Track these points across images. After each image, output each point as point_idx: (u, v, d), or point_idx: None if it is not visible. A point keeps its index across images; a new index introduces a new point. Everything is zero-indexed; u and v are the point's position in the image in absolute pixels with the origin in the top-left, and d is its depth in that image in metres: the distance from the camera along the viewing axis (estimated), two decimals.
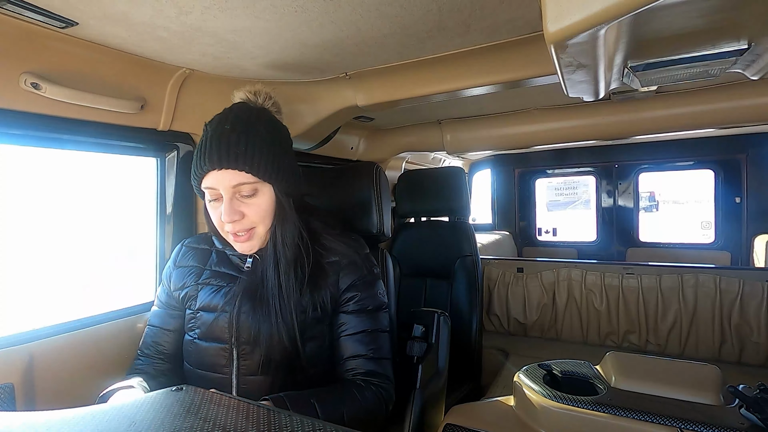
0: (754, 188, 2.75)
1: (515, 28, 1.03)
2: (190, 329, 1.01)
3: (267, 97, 0.99)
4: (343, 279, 0.97)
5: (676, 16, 0.62)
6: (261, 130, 0.90)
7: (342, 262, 0.98)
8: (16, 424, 0.42)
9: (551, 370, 1.14)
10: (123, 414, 0.44)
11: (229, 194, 0.87)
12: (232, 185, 0.86)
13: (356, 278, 0.98)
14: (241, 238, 0.91)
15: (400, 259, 2.19)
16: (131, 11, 0.83)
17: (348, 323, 0.97)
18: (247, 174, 0.86)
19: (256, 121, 0.91)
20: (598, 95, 0.94)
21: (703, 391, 0.95)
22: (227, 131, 0.87)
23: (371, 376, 0.95)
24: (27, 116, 0.93)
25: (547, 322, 2.45)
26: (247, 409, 0.47)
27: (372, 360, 0.96)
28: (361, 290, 0.98)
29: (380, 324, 1.01)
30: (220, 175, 0.86)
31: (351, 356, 0.96)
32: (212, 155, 0.85)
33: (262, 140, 0.89)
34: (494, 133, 2.17)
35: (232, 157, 0.85)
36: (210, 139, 0.87)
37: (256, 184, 0.88)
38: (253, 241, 0.93)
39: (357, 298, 0.98)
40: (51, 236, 3.93)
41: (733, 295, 2.04)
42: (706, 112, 1.73)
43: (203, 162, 0.86)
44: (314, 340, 0.95)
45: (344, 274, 0.98)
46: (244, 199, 0.89)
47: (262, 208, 0.90)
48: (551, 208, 8.16)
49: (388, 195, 1.29)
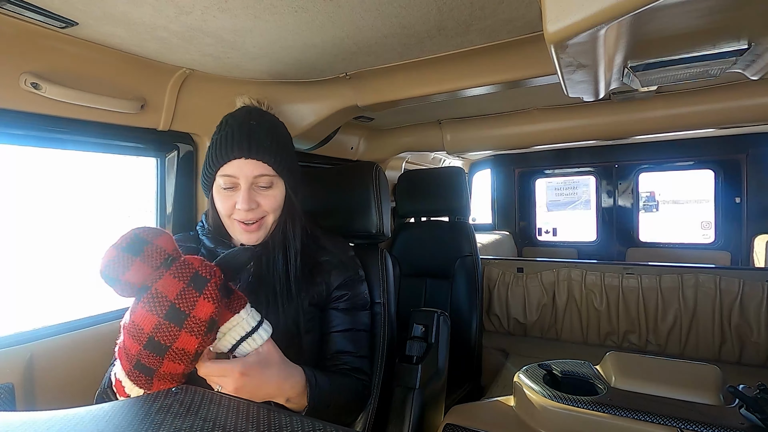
0: (754, 188, 2.75)
1: (515, 28, 1.03)
2: None
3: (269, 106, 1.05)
4: (335, 277, 1.02)
5: (676, 16, 0.61)
6: (281, 130, 0.99)
7: (333, 261, 1.03)
8: (16, 424, 0.42)
9: (551, 370, 1.14)
10: (123, 414, 0.44)
11: (248, 183, 0.91)
12: (254, 175, 0.91)
13: (346, 277, 1.03)
14: (250, 227, 0.94)
15: (400, 259, 2.19)
16: (131, 11, 0.83)
17: (337, 320, 1.02)
18: (268, 167, 0.91)
19: (276, 122, 1.00)
20: (598, 95, 0.94)
21: (703, 391, 0.95)
22: (255, 126, 0.93)
23: (356, 372, 1.00)
24: (27, 116, 0.93)
25: (547, 322, 2.44)
26: (247, 409, 0.47)
27: (358, 357, 1.01)
28: (350, 289, 1.03)
29: (364, 323, 1.06)
30: (244, 164, 0.90)
31: (339, 352, 1.00)
32: (242, 144, 0.90)
33: (283, 139, 0.98)
34: (494, 133, 2.17)
35: (260, 149, 0.91)
36: (237, 130, 0.92)
37: (273, 178, 0.94)
38: (260, 232, 0.96)
39: (347, 296, 1.03)
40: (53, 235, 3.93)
41: (733, 295, 2.04)
42: (706, 112, 1.73)
43: (229, 149, 0.90)
44: (309, 333, 0.98)
45: (335, 272, 1.02)
46: (260, 190, 0.93)
47: (276, 199, 0.95)
48: (551, 208, 8.17)
49: (388, 195, 1.29)
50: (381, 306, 1.17)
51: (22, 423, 0.43)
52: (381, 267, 1.21)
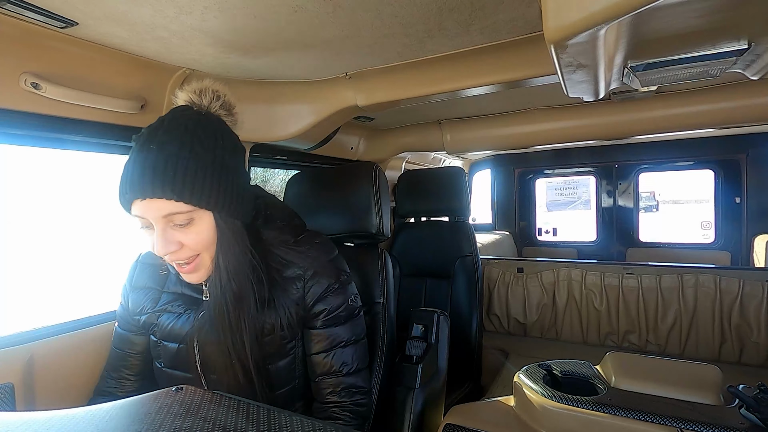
0: (754, 188, 2.75)
1: (515, 28, 1.03)
2: (156, 356, 0.95)
3: (214, 97, 0.84)
4: (310, 293, 0.89)
5: (676, 16, 0.61)
6: (197, 148, 0.76)
7: (306, 274, 0.89)
8: (16, 424, 0.42)
9: (551, 370, 1.14)
10: (123, 414, 0.44)
11: (160, 225, 0.75)
12: (162, 215, 0.75)
13: (323, 290, 0.90)
14: (185, 268, 0.81)
15: (400, 259, 2.19)
16: (131, 11, 0.83)
17: (319, 339, 0.91)
18: (179, 203, 0.74)
19: (192, 136, 0.76)
20: (598, 95, 0.94)
21: (703, 391, 0.95)
22: (153, 152, 0.74)
23: (346, 392, 0.91)
24: (27, 116, 0.93)
25: (547, 322, 2.45)
26: (247, 409, 0.47)
27: (347, 375, 0.92)
28: (331, 302, 0.91)
29: (354, 332, 0.94)
30: (146, 205, 0.74)
31: (324, 374, 0.91)
32: (134, 183, 0.73)
33: (198, 161, 0.75)
34: (494, 133, 2.17)
35: (158, 185, 0.72)
36: (134, 161, 0.75)
37: (191, 213, 0.76)
38: (200, 271, 0.83)
39: (326, 311, 0.91)
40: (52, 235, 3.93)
41: (733, 295, 2.04)
42: (706, 112, 1.73)
43: (125, 188, 0.75)
44: (285, 357, 0.90)
45: (310, 287, 0.89)
46: (179, 229, 0.77)
47: (201, 237, 0.78)
48: (551, 208, 8.17)
49: (388, 195, 1.29)
50: (381, 306, 1.17)
51: (22, 423, 0.43)
52: (381, 267, 1.21)
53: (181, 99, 0.84)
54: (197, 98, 0.83)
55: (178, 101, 0.85)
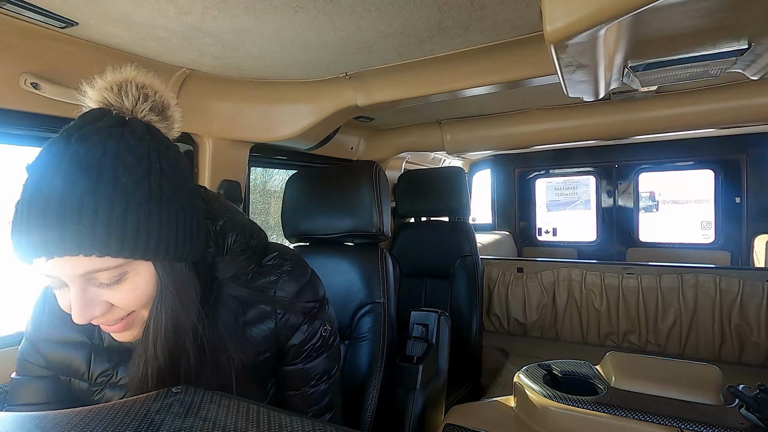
0: (754, 188, 2.75)
1: (515, 28, 1.03)
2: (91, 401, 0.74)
3: (140, 96, 0.60)
4: (282, 333, 0.74)
5: (676, 16, 0.62)
6: (123, 178, 0.52)
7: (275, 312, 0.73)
8: (16, 424, 0.43)
9: (551, 370, 1.14)
10: (123, 414, 0.44)
11: (78, 285, 0.54)
12: (79, 274, 0.53)
13: (295, 329, 0.75)
14: (114, 327, 0.60)
15: (400, 259, 2.19)
16: (131, 11, 0.83)
17: (291, 378, 0.78)
18: (102, 258, 0.52)
19: (114, 161, 0.52)
20: (598, 95, 0.94)
21: (703, 391, 0.95)
22: (57, 191, 0.50)
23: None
24: (27, 116, 0.93)
25: (547, 322, 2.45)
26: (247, 409, 0.47)
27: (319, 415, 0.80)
28: (304, 339, 0.76)
29: (327, 366, 0.80)
30: (55, 264, 0.51)
31: None
32: (32, 235, 0.49)
33: (126, 198, 0.52)
34: (494, 133, 2.17)
35: (71, 238, 0.49)
36: (30, 202, 0.50)
37: (122, 267, 0.55)
38: (134, 329, 0.62)
39: (297, 349, 0.76)
40: None
41: (733, 295, 2.05)
42: (706, 112, 1.73)
43: (21, 243, 0.50)
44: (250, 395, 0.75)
45: (281, 326, 0.74)
46: (106, 287, 0.56)
47: (136, 293, 0.57)
48: (551, 208, 8.16)
49: (388, 195, 1.29)
50: (381, 306, 1.17)
51: (22, 423, 0.43)
52: (381, 267, 1.21)
53: (91, 99, 0.59)
54: (115, 98, 0.59)
55: (87, 101, 0.60)
